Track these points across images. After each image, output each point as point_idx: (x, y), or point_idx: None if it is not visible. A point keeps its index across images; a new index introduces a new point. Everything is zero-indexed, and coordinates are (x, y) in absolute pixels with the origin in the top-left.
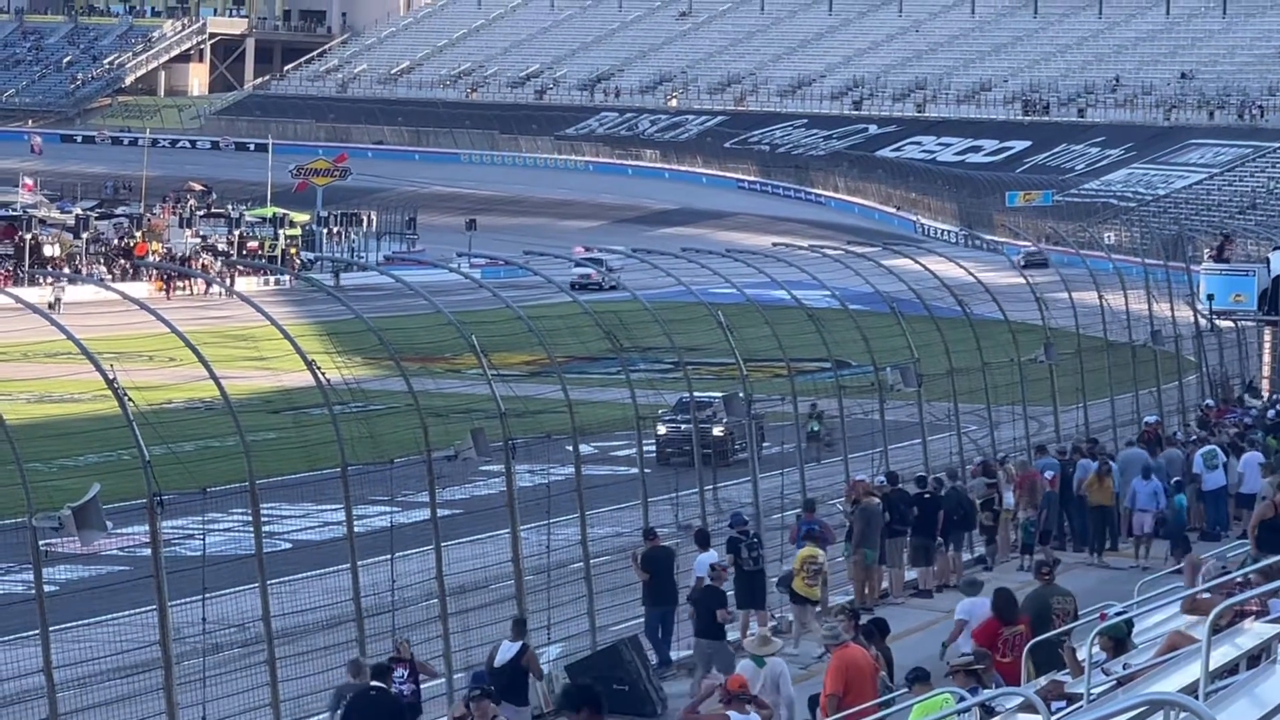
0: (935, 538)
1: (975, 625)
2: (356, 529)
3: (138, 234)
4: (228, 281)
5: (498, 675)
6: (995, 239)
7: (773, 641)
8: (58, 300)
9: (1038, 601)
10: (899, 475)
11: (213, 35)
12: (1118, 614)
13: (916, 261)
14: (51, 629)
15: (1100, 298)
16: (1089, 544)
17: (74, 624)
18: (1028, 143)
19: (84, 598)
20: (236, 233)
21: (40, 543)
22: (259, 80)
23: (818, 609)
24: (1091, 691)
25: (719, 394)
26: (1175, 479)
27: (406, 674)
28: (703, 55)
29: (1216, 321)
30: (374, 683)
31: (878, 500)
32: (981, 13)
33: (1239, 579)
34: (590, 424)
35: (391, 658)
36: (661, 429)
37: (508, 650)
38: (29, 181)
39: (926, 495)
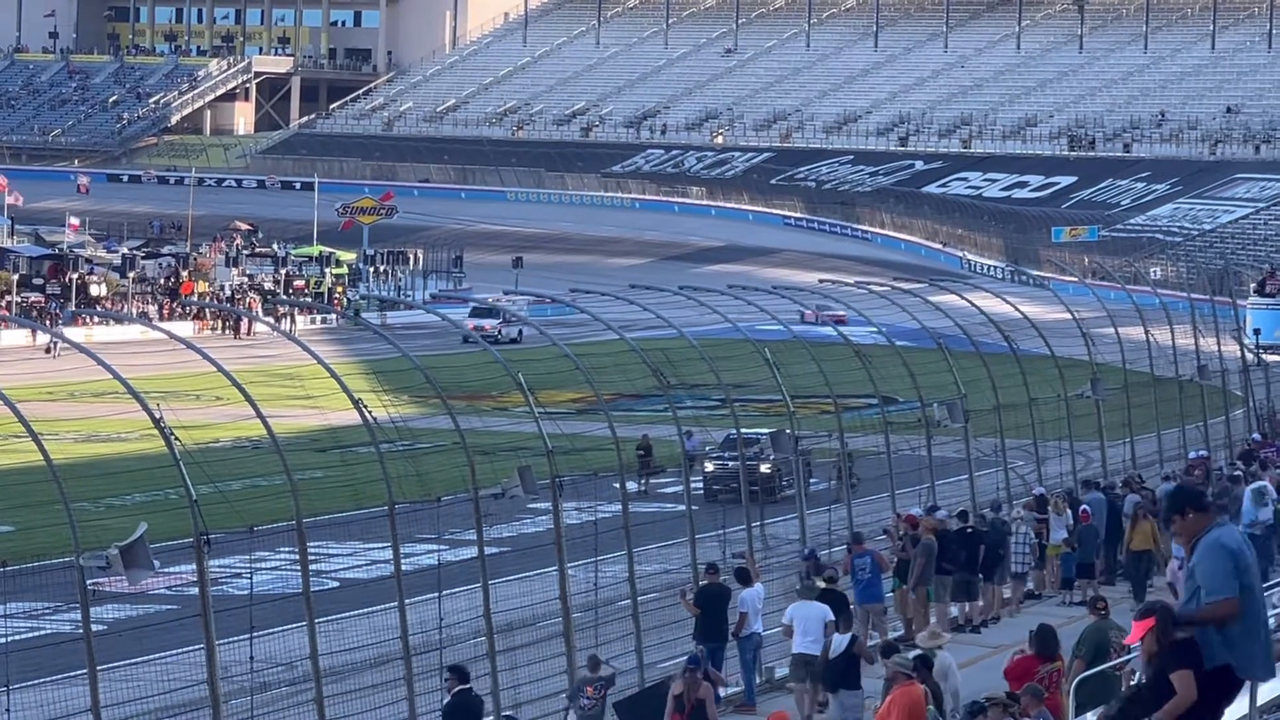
0: (977, 573)
1: (803, 629)
2: (404, 567)
3: (184, 273)
4: (284, 324)
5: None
6: (1042, 274)
7: (941, 636)
8: (54, 344)
9: (1097, 635)
10: (938, 509)
11: (258, 74)
12: None
13: (963, 297)
14: (99, 668)
15: (1147, 333)
16: (1131, 586)
17: (122, 663)
18: (1073, 178)
19: (131, 637)
20: (283, 271)
21: (88, 582)
22: (304, 119)
23: None
24: None
25: (766, 430)
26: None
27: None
28: (748, 92)
29: (1263, 356)
30: (461, 686)
31: (934, 536)
32: (1027, 48)
33: None
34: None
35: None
36: (709, 466)
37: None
38: (75, 221)
39: (969, 531)
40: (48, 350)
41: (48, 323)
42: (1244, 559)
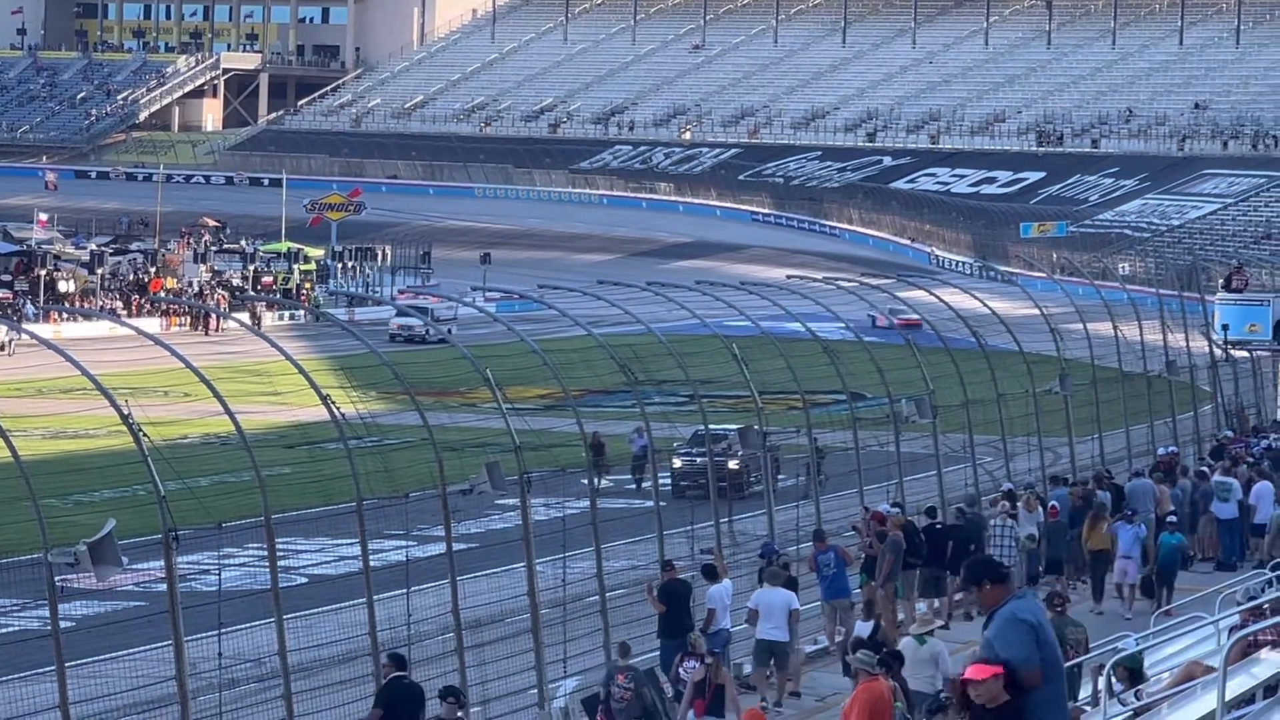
0: (945, 568)
1: (767, 615)
2: (372, 563)
3: (152, 269)
4: (252, 320)
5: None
6: (1010, 270)
7: (933, 623)
8: (10, 341)
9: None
10: (903, 507)
11: (226, 71)
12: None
13: (931, 293)
14: (67, 665)
15: (1115, 328)
16: (1091, 587)
17: (90, 660)
18: (1042, 174)
19: (100, 633)
20: (251, 268)
21: (56, 578)
22: (273, 115)
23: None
24: None
25: (734, 426)
26: (1168, 517)
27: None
28: (716, 88)
29: (1231, 352)
30: (398, 672)
31: (901, 533)
32: (995, 44)
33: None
34: (616, 456)
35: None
36: (677, 462)
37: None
38: (43, 217)
39: (937, 526)
40: (1, 348)
41: (17, 319)
42: (1044, 632)
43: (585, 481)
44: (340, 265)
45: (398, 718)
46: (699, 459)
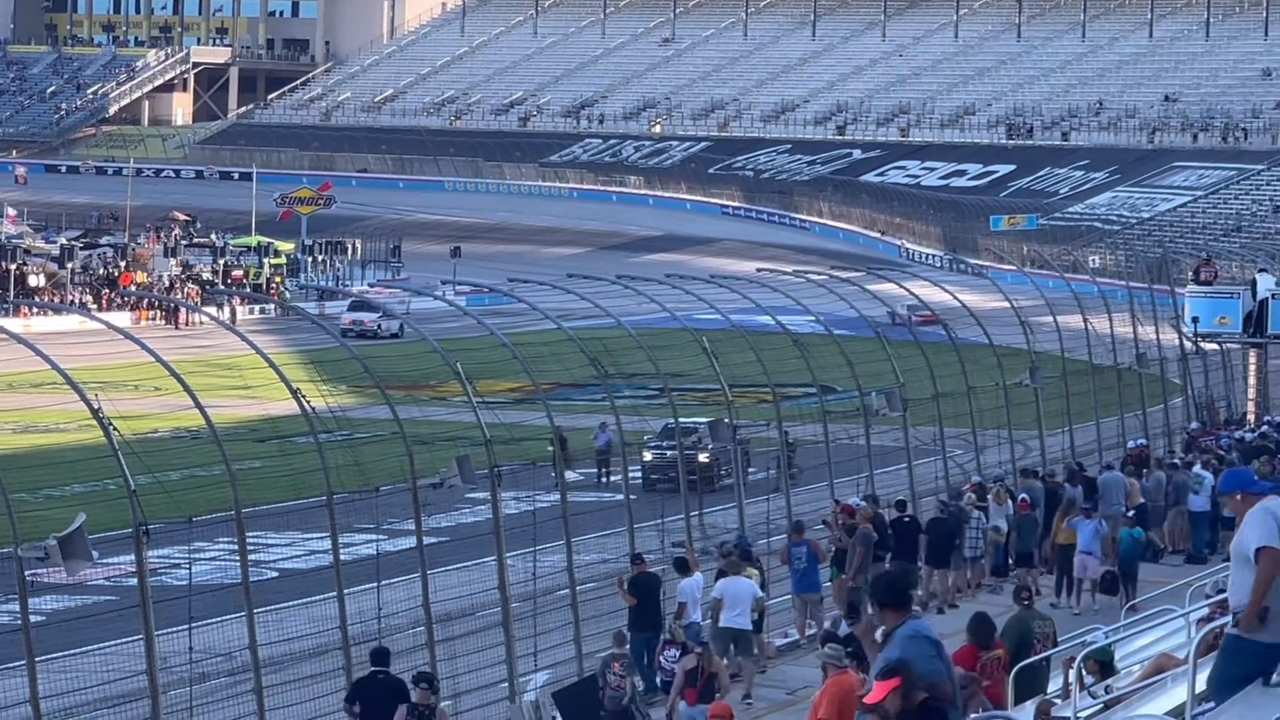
0: (915, 561)
1: (731, 604)
2: (342, 557)
3: (122, 264)
4: (224, 314)
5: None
6: (980, 263)
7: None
8: None
9: (1019, 626)
10: (878, 499)
11: (196, 65)
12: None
13: (901, 286)
14: (38, 659)
15: (1085, 321)
16: (1056, 582)
17: (60, 654)
18: (1012, 166)
19: (70, 628)
20: (221, 262)
21: (26, 573)
22: (243, 109)
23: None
24: (1079, 714)
25: (704, 420)
26: (1130, 511)
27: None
28: (686, 81)
29: (1201, 344)
30: (375, 667)
31: (870, 526)
32: (965, 37)
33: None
34: (577, 451)
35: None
36: (647, 455)
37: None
38: (12, 212)
39: (906, 519)
40: None
41: None
42: (944, 651)
43: (554, 475)
44: (310, 259)
45: (372, 712)
46: (669, 452)
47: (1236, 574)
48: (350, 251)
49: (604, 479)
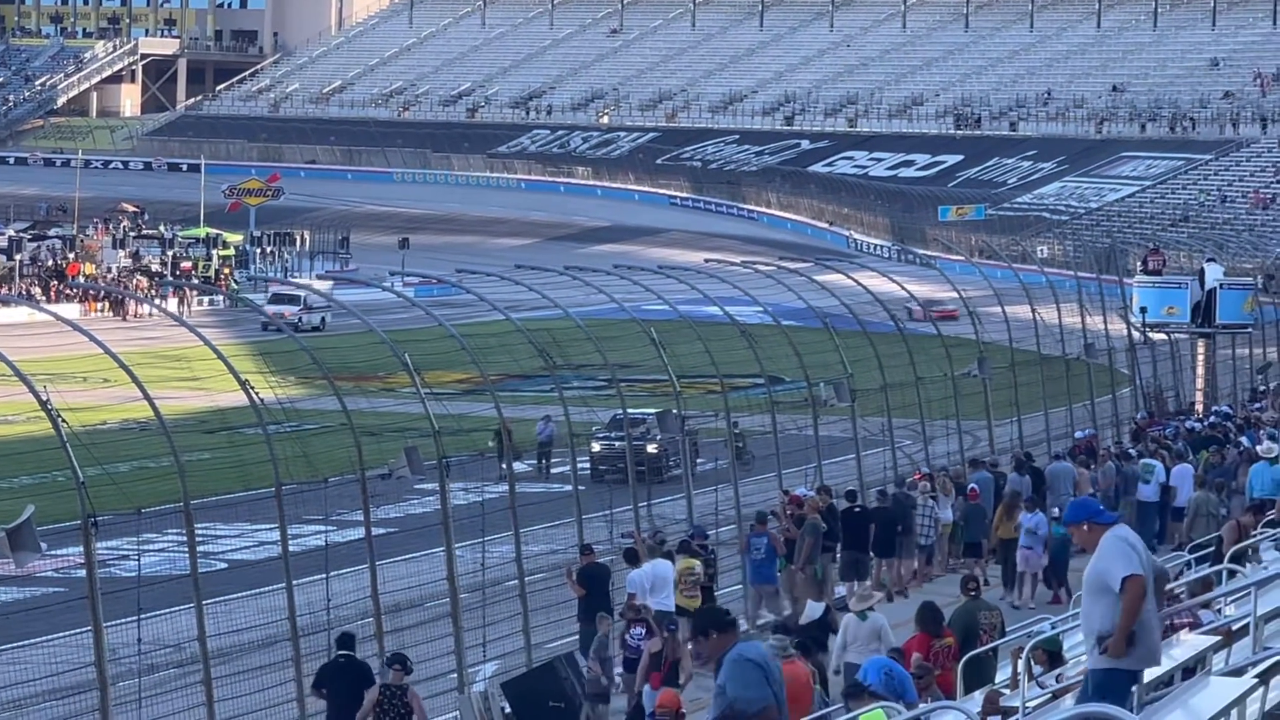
0: (867, 551)
1: (654, 587)
2: (291, 548)
3: (71, 255)
4: (175, 306)
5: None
6: (928, 254)
7: (872, 597)
8: None
9: (965, 617)
10: (831, 490)
11: (144, 56)
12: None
13: (849, 277)
14: None
15: (1033, 311)
16: (1003, 575)
17: (8, 646)
18: (960, 157)
19: (18, 620)
20: (170, 253)
21: None
22: (191, 101)
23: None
24: (1027, 704)
25: (653, 411)
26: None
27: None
28: (634, 72)
29: (1149, 334)
30: (341, 651)
31: (819, 515)
32: (913, 27)
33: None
34: (525, 442)
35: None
36: (595, 446)
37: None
38: None
39: (857, 510)
40: None
41: None
42: (772, 671)
43: (503, 467)
44: (259, 250)
45: (336, 695)
46: (617, 443)
47: (1093, 604)
48: (299, 243)
49: (544, 471)
